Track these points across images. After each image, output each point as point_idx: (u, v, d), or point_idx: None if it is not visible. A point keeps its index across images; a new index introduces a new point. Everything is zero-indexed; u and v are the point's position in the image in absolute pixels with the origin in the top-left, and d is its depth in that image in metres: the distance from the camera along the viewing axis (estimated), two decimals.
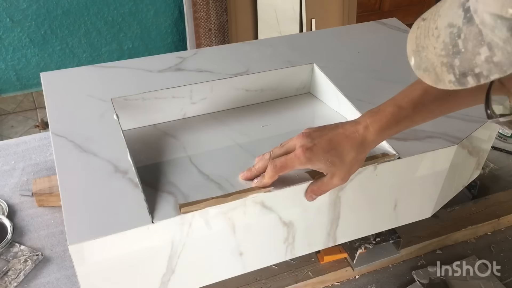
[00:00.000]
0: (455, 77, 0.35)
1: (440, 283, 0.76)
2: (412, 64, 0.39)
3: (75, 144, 0.63)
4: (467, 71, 0.34)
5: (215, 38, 2.32)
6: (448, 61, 0.35)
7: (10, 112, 2.32)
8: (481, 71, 0.33)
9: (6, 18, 2.09)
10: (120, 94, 0.72)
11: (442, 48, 0.35)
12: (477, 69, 0.33)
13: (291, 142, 0.58)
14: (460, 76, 0.34)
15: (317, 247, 0.72)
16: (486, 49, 0.32)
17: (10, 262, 0.74)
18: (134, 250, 0.55)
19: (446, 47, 0.35)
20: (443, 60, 0.35)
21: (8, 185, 0.87)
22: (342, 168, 0.57)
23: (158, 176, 0.63)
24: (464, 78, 0.34)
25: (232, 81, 0.78)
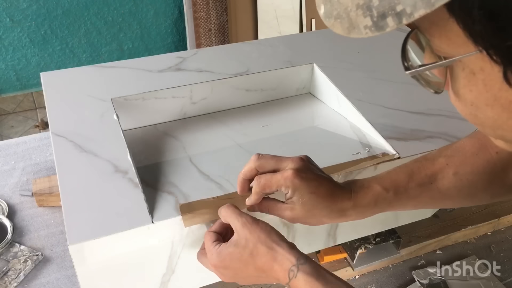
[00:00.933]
0: (372, 20, 0.30)
1: (440, 283, 0.76)
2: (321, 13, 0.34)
3: (75, 144, 0.63)
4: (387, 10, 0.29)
5: (215, 38, 2.32)
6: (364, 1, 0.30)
7: (10, 112, 2.32)
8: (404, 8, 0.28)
9: (6, 18, 2.09)
10: (120, 94, 0.72)
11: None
12: (399, 7, 0.28)
13: (286, 159, 0.54)
14: (378, 18, 0.29)
15: (317, 247, 0.72)
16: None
17: (10, 262, 0.74)
18: (134, 250, 0.55)
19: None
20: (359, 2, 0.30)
21: (8, 185, 0.87)
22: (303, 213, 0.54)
23: (158, 176, 0.63)
24: (383, 20, 0.29)
25: (232, 81, 0.78)
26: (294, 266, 0.48)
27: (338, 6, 0.32)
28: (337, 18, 0.33)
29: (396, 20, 0.29)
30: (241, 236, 0.51)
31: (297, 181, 0.52)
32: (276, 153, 0.68)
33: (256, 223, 0.51)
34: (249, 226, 0.51)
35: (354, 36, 0.32)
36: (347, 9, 0.31)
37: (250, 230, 0.50)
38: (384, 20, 0.29)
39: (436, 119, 0.72)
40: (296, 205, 0.53)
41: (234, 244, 0.51)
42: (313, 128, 0.74)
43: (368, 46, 0.88)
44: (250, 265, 0.50)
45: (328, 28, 0.34)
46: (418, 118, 0.72)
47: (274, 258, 0.49)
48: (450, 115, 0.73)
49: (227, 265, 0.51)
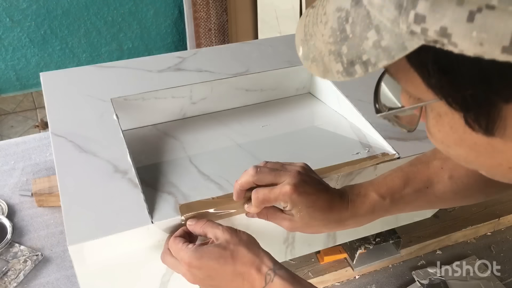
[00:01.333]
0: (343, 66, 0.32)
1: (440, 283, 0.76)
2: (300, 55, 0.36)
3: (75, 144, 0.63)
4: (354, 58, 0.31)
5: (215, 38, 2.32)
6: (336, 49, 0.32)
7: (9, 112, 2.32)
8: (368, 57, 0.30)
9: (6, 18, 2.09)
10: (120, 94, 0.72)
11: (330, 34, 0.33)
12: (365, 56, 0.30)
13: (284, 173, 0.54)
14: (348, 65, 0.31)
15: (317, 247, 0.71)
16: (374, 33, 0.30)
17: (9, 262, 0.74)
18: (134, 250, 0.55)
19: (334, 33, 0.32)
20: (331, 48, 0.32)
21: (7, 185, 0.87)
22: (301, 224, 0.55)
23: (158, 176, 0.63)
24: (352, 67, 0.31)
25: (232, 81, 0.77)
26: (270, 271, 0.49)
27: (314, 49, 0.34)
28: (313, 61, 0.34)
29: (363, 68, 0.31)
30: (222, 239, 0.51)
31: (295, 197, 0.52)
32: (276, 153, 0.68)
33: (237, 230, 0.53)
34: (231, 231, 0.52)
35: (328, 79, 0.34)
36: (322, 53, 0.33)
37: (232, 235, 0.51)
38: (353, 67, 0.31)
39: None
40: (295, 217, 0.54)
41: (214, 244, 0.51)
42: (313, 128, 0.74)
43: None
44: (228, 265, 0.50)
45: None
46: None
47: (252, 262, 0.50)
48: None
49: (203, 265, 0.50)
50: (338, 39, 0.32)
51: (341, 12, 0.32)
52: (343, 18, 0.32)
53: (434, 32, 0.26)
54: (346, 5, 0.32)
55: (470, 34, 0.25)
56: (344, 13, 0.32)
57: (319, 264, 0.76)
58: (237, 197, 0.56)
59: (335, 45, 0.32)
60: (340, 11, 0.32)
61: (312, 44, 0.34)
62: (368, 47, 0.30)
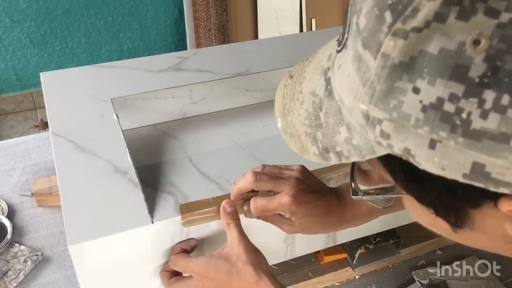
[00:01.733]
0: (318, 150, 0.32)
1: (440, 283, 0.76)
2: (279, 127, 0.36)
3: (75, 144, 0.63)
4: (329, 147, 0.31)
5: (215, 38, 2.32)
6: (311, 132, 0.33)
7: (9, 112, 2.32)
8: (341, 150, 0.31)
9: (6, 18, 2.09)
10: (120, 94, 0.72)
11: (306, 117, 0.33)
12: (338, 148, 0.31)
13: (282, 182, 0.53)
14: (323, 150, 0.32)
15: (317, 247, 0.71)
16: (345, 129, 0.30)
17: (9, 262, 0.74)
18: (134, 250, 0.55)
19: (309, 117, 0.33)
20: (307, 130, 0.33)
21: (7, 185, 0.87)
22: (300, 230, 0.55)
23: (158, 176, 0.63)
24: (327, 154, 0.32)
25: (232, 81, 0.77)
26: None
27: (291, 126, 0.34)
28: (291, 137, 0.35)
29: (337, 157, 0.31)
30: (234, 252, 0.52)
31: (294, 208, 0.52)
32: (276, 153, 0.68)
33: (252, 246, 0.53)
34: (245, 247, 0.52)
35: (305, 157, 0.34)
36: (299, 132, 0.34)
37: (245, 250, 0.52)
38: (328, 154, 0.32)
39: None
40: (294, 223, 0.55)
41: (224, 257, 0.52)
42: None
43: None
44: (234, 281, 0.51)
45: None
46: None
47: (257, 283, 0.50)
48: None
49: (213, 277, 0.52)
50: (313, 124, 0.32)
51: (315, 98, 0.33)
52: (317, 104, 0.32)
53: (398, 149, 0.27)
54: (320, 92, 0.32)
55: (432, 159, 0.26)
56: (318, 99, 0.32)
57: (319, 264, 0.76)
58: (234, 199, 0.56)
59: (310, 129, 0.33)
60: (315, 96, 0.33)
61: (290, 120, 0.35)
62: (341, 140, 0.30)
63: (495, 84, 0.23)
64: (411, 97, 0.26)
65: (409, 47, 0.25)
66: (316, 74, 0.34)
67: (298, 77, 0.36)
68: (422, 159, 0.27)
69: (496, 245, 0.32)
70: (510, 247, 0.31)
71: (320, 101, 0.32)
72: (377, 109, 0.27)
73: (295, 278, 0.73)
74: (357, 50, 0.28)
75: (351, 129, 0.30)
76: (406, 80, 0.26)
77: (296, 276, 0.74)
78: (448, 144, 0.25)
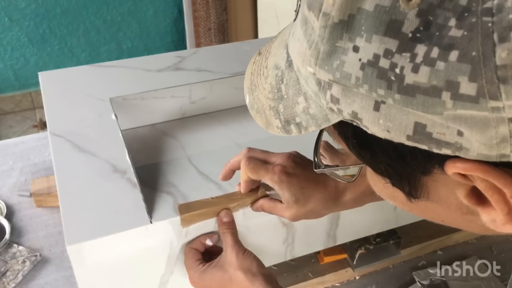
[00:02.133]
0: (281, 123, 0.33)
1: (441, 284, 0.76)
2: (247, 103, 0.38)
3: (73, 144, 0.63)
4: (289, 119, 0.32)
5: (215, 37, 2.31)
6: (274, 105, 0.34)
7: (8, 112, 2.32)
8: (300, 121, 0.32)
9: (4, 18, 2.08)
10: (119, 94, 0.71)
11: (269, 90, 0.34)
12: (298, 119, 0.32)
13: (275, 154, 0.55)
14: (285, 123, 0.33)
15: (317, 247, 0.71)
16: (303, 99, 0.31)
17: (8, 263, 0.74)
18: (133, 250, 0.55)
19: (272, 90, 0.34)
20: (270, 104, 0.34)
21: (6, 185, 0.87)
22: (300, 209, 0.54)
23: (157, 176, 0.63)
24: (288, 126, 0.33)
25: (231, 80, 0.77)
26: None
27: (257, 101, 0.35)
28: (257, 112, 0.36)
29: (297, 129, 0.32)
30: (227, 259, 0.54)
31: (284, 177, 0.52)
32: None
33: (243, 251, 0.54)
34: (237, 254, 0.53)
35: (270, 131, 0.35)
36: (263, 106, 0.35)
37: (237, 256, 0.53)
38: (289, 126, 0.33)
39: None
40: (291, 202, 0.54)
41: (219, 265, 0.54)
42: None
43: None
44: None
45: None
46: None
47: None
48: None
49: (207, 285, 0.55)
50: (276, 97, 0.33)
51: (278, 71, 0.34)
52: (279, 77, 0.33)
53: (347, 114, 0.28)
54: (282, 65, 0.33)
55: (377, 121, 0.27)
56: (280, 72, 0.33)
57: (319, 265, 0.76)
58: (224, 177, 0.57)
59: (273, 102, 0.34)
60: (277, 69, 0.34)
61: (256, 95, 0.36)
62: (299, 111, 0.31)
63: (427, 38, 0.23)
64: (352, 56, 0.26)
65: (347, 5, 0.25)
66: (280, 48, 0.35)
67: (265, 53, 0.37)
68: (369, 122, 0.27)
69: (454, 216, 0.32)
70: (468, 219, 0.31)
71: (282, 73, 0.33)
72: (322, 70, 0.27)
73: (295, 279, 0.73)
74: (304, 13, 0.29)
75: (308, 98, 0.31)
76: (347, 39, 0.26)
77: (296, 276, 0.74)
78: (388, 103, 0.26)
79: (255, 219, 0.60)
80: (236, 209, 0.58)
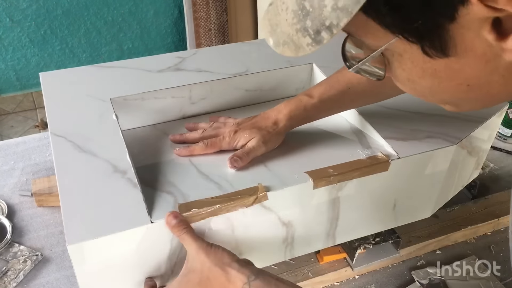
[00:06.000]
0: (311, 38, 0.36)
1: (440, 283, 0.76)
2: (271, 44, 0.40)
3: (74, 144, 0.63)
4: (319, 27, 0.35)
5: (215, 38, 2.31)
6: (301, 26, 0.36)
7: (9, 112, 2.32)
8: (331, 21, 0.34)
9: (6, 18, 2.09)
10: (120, 94, 0.72)
11: (293, 17, 0.37)
12: (327, 21, 0.34)
13: (221, 129, 0.69)
14: (315, 34, 0.36)
15: (317, 247, 0.71)
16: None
17: (9, 262, 0.74)
18: (133, 250, 0.55)
19: (296, 14, 0.36)
20: (297, 27, 0.37)
21: (7, 185, 0.87)
22: (259, 134, 0.66)
23: (157, 176, 0.63)
24: (319, 35, 0.35)
25: (231, 81, 0.78)
26: (246, 284, 0.51)
27: (282, 35, 0.39)
28: (284, 44, 0.39)
29: (328, 32, 0.35)
30: (196, 260, 0.53)
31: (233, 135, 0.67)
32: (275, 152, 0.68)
33: (210, 247, 0.54)
34: (204, 251, 0.53)
35: (301, 54, 0.38)
36: (290, 35, 0.38)
37: (206, 254, 0.53)
38: (320, 35, 0.36)
39: (436, 119, 0.72)
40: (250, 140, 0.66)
41: (192, 270, 0.53)
42: (312, 128, 0.74)
43: None
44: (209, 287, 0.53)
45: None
46: (418, 118, 0.72)
47: (228, 279, 0.51)
48: (450, 115, 0.73)
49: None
50: (301, 17, 0.36)
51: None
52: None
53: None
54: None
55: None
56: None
57: (319, 264, 0.76)
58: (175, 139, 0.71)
59: (299, 23, 0.36)
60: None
61: (280, 31, 0.39)
62: (328, 12, 0.34)
63: None
64: None
65: None
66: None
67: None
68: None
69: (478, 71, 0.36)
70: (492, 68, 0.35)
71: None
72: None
73: (294, 278, 0.73)
74: None
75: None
76: None
77: (296, 276, 0.74)
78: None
79: (255, 219, 0.61)
80: (236, 209, 0.58)
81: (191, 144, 0.69)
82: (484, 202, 0.88)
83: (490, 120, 0.74)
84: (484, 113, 0.74)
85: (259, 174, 0.63)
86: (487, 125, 0.74)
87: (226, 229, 0.60)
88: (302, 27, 0.36)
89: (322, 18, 0.35)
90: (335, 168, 0.63)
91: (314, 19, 0.35)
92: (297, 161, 0.65)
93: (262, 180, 0.61)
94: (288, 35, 0.38)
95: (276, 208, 0.61)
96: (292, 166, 0.64)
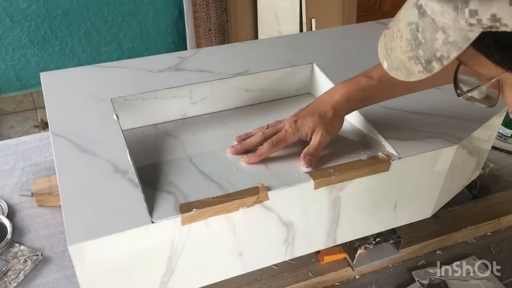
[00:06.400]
0: (422, 66, 0.39)
1: (440, 284, 0.76)
2: (385, 67, 0.44)
3: (75, 144, 0.63)
4: (430, 57, 0.38)
5: (215, 38, 2.31)
6: (413, 54, 0.39)
7: (10, 112, 2.32)
8: (441, 53, 0.37)
9: (6, 18, 2.09)
10: (120, 94, 0.72)
11: (406, 45, 0.40)
12: (438, 53, 0.37)
13: (280, 124, 0.68)
14: (426, 63, 0.39)
15: (317, 247, 0.72)
16: (441, 33, 0.37)
17: (9, 262, 0.74)
18: (134, 250, 0.55)
19: (409, 43, 0.39)
20: (410, 55, 0.40)
21: (8, 185, 0.87)
22: (322, 124, 0.65)
23: (158, 176, 0.63)
24: (430, 65, 0.38)
25: (232, 81, 0.78)
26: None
27: (395, 60, 0.42)
28: (397, 69, 0.42)
29: (439, 63, 0.38)
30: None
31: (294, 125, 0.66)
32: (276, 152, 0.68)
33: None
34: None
35: (412, 79, 0.41)
36: (403, 61, 0.41)
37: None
38: (431, 64, 0.39)
39: (436, 119, 0.72)
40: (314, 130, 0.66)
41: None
42: None
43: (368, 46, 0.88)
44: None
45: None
46: (418, 118, 0.72)
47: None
48: (450, 115, 0.73)
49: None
50: (414, 46, 0.39)
51: (411, 25, 0.39)
52: (414, 29, 0.39)
53: (487, 20, 0.33)
54: (414, 19, 0.39)
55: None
56: (414, 25, 0.39)
57: (319, 264, 0.76)
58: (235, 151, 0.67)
59: (412, 52, 0.39)
60: (411, 24, 0.40)
61: (394, 56, 0.42)
62: (439, 45, 0.37)
63: None
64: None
65: None
66: (408, 10, 0.40)
67: (394, 24, 0.42)
68: (507, 19, 0.32)
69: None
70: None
71: (416, 25, 0.39)
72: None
73: (295, 278, 0.73)
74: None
75: (446, 29, 0.36)
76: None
77: (296, 276, 0.74)
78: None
79: (255, 219, 0.61)
80: (237, 209, 0.58)
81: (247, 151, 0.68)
82: (485, 202, 0.88)
83: (490, 121, 0.74)
84: (484, 113, 0.74)
85: (260, 174, 0.63)
86: (488, 125, 0.74)
87: (227, 229, 0.60)
88: (414, 55, 0.39)
89: (434, 50, 0.37)
90: (336, 168, 0.63)
91: (426, 49, 0.38)
92: (298, 161, 0.65)
93: (263, 180, 0.61)
94: (401, 61, 0.41)
95: (277, 208, 0.61)
96: (293, 166, 0.64)
